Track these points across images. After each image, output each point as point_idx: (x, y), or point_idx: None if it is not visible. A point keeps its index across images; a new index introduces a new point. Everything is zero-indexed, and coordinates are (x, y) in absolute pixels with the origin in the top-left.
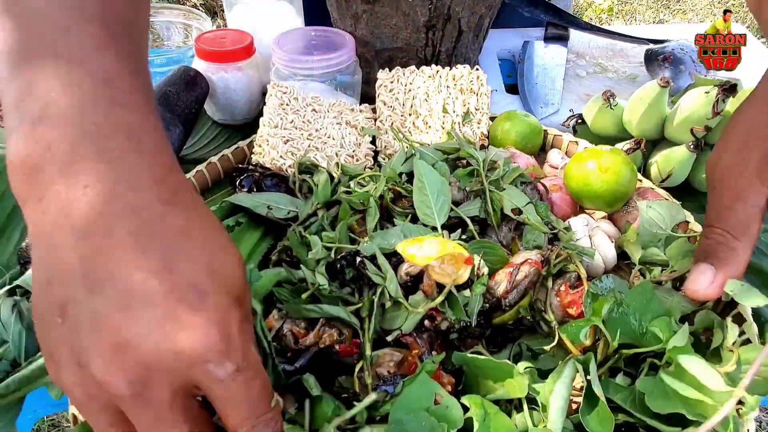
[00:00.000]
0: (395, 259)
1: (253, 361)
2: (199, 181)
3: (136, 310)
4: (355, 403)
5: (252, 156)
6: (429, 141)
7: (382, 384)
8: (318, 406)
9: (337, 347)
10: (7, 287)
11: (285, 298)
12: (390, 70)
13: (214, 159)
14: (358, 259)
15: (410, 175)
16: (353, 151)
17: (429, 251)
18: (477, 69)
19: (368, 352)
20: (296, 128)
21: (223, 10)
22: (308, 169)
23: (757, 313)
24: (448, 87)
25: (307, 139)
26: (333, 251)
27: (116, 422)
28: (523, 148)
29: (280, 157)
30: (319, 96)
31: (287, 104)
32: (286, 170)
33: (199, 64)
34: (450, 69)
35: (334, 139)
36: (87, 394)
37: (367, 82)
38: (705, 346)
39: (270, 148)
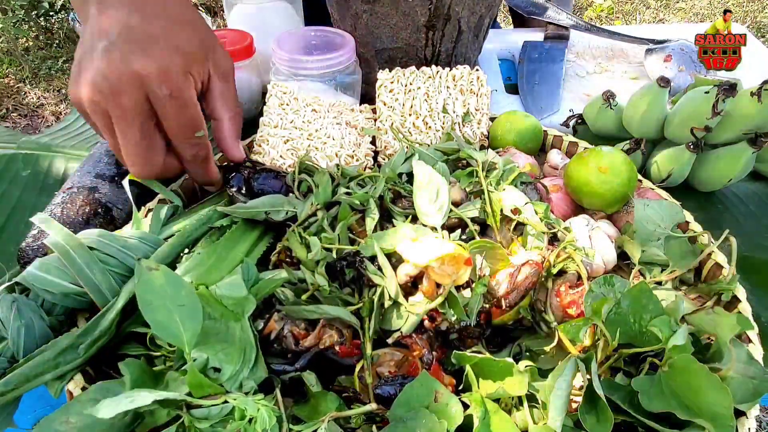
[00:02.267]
0: (395, 259)
1: (187, 97)
2: None
3: (118, 50)
4: (356, 404)
5: (251, 156)
6: (429, 141)
7: (382, 384)
8: (320, 402)
9: (337, 348)
10: (7, 284)
11: (285, 299)
12: (390, 71)
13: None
14: (358, 259)
15: (410, 175)
16: (353, 151)
17: (429, 252)
18: (477, 70)
19: (369, 351)
20: (296, 128)
21: (223, 10)
22: (308, 168)
23: (757, 313)
24: (448, 87)
25: (307, 139)
26: (333, 252)
27: (106, 124)
28: (523, 148)
29: (280, 156)
30: (319, 96)
31: (287, 104)
32: (286, 170)
33: None
34: (450, 69)
35: (334, 139)
36: (92, 101)
37: (367, 82)
38: (706, 348)
39: (270, 147)
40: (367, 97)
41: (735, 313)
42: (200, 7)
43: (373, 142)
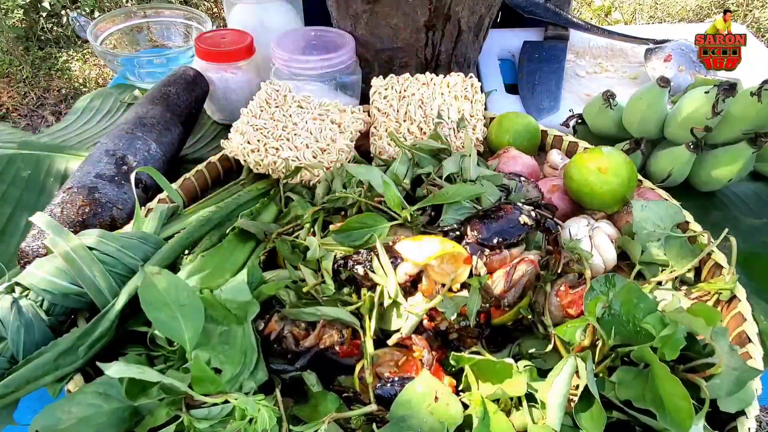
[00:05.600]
0: (394, 258)
1: None
2: (198, 181)
3: None
4: (356, 404)
5: (221, 142)
6: None
7: (383, 384)
8: (320, 402)
9: (337, 348)
10: (6, 284)
11: (285, 300)
12: (389, 72)
13: (214, 159)
14: (365, 259)
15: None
16: (327, 145)
17: (428, 251)
18: (471, 77)
19: (369, 350)
20: (273, 119)
21: (223, 10)
22: (293, 189)
23: (757, 312)
24: (442, 94)
25: (282, 129)
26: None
27: None
28: (521, 147)
29: (247, 142)
30: (310, 95)
31: (273, 99)
32: (246, 158)
33: (199, 64)
34: (444, 77)
35: (311, 133)
36: None
37: (367, 82)
38: (703, 346)
39: (239, 134)
40: (367, 96)
41: (702, 306)
42: (200, 7)
43: (367, 151)
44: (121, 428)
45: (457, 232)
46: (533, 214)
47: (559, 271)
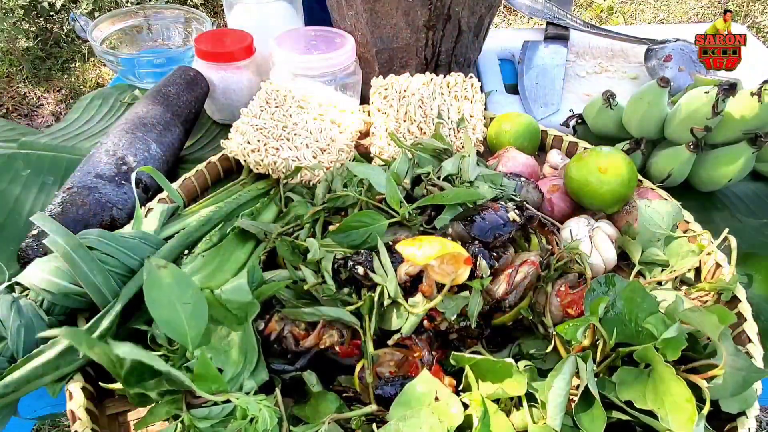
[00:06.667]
0: (394, 258)
1: None
2: (199, 180)
3: None
4: (356, 404)
5: (221, 142)
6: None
7: (383, 384)
8: (321, 402)
9: (337, 348)
10: (6, 284)
11: (285, 299)
12: (389, 72)
13: (214, 159)
14: (365, 259)
15: (414, 181)
16: (327, 145)
17: (428, 251)
18: (471, 77)
19: (370, 349)
20: (273, 119)
21: (223, 10)
22: (293, 189)
23: (757, 312)
24: (442, 94)
25: (282, 129)
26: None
27: None
28: (521, 147)
29: (247, 142)
30: (310, 95)
31: (273, 99)
32: (246, 158)
33: (199, 64)
34: (444, 77)
35: (311, 132)
36: None
37: (367, 82)
38: (704, 347)
39: (239, 134)
40: (367, 97)
41: (717, 308)
42: (200, 7)
43: (367, 151)
44: None
45: (449, 231)
46: (518, 211)
47: (561, 260)
